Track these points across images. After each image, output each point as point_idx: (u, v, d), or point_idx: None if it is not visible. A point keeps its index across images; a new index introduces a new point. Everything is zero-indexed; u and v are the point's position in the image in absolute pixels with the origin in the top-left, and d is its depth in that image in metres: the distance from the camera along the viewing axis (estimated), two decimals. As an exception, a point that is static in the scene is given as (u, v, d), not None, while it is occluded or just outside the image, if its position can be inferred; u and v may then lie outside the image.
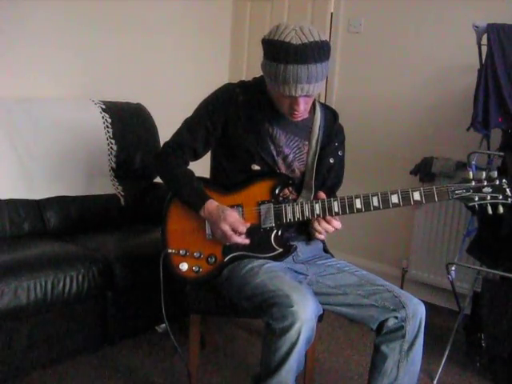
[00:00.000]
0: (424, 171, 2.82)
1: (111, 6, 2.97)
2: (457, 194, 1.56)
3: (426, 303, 1.64)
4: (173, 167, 1.77)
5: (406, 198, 1.58)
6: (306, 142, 1.78)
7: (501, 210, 1.55)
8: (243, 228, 1.65)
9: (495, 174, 1.56)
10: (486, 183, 1.55)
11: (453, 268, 2.34)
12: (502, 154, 2.24)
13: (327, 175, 1.81)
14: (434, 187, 1.57)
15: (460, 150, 2.63)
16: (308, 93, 1.56)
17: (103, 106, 2.76)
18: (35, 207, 2.47)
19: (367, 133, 3.11)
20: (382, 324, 1.62)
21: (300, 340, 1.44)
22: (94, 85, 2.95)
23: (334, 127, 1.81)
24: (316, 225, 1.66)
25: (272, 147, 1.73)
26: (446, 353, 2.32)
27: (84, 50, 2.90)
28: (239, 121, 1.71)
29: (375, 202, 1.60)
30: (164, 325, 2.21)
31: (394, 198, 1.59)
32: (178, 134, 1.80)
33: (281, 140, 1.74)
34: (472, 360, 2.38)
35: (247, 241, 1.68)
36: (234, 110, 1.71)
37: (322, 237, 1.70)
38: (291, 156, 1.76)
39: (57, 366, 2.16)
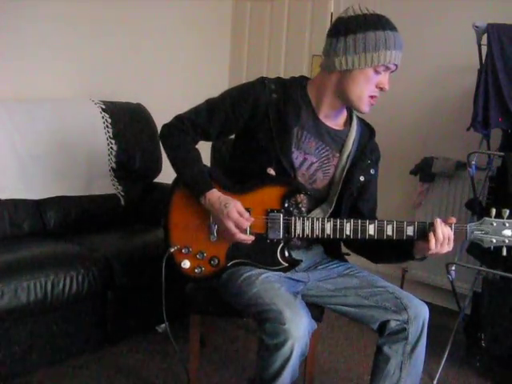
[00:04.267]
0: (424, 171, 2.81)
1: (111, 6, 2.97)
2: (475, 235, 1.51)
3: (426, 303, 1.63)
4: (180, 144, 1.65)
5: (421, 230, 1.53)
6: (337, 154, 1.70)
7: None
8: (247, 224, 1.57)
9: (507, 212, 1.49)
10: (507, 225, 1.49)
11: (453, 268, 2.34)
12: (502, 154, 2.24)
13: (358, 195, 1.72)
14: (453, 225, 1.51)
15: (460, 150, 2.63)
16: (399, 62, 1.58)
17: (103, 106, 2.75)
18: (35, 207, 2.46)
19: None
20: (384, 325, 1.61)
21: (293, 356, 1.42)
22: (94, 85, 2.95)
23: (368, 144, 1.75)
24: (439, 232, 1.48)
25: (295, 154, 1.65)
26: (446, 353, 2.33)
27: (84, 50, 2.89)
28: (266, 119, 1.62)
29: (389, 230, 1.54)
30: (164, 325, 2.21)
31: (410, 231, 1.53)
32: (195, 112, 1.68)
33: (309, 146, 1.66)
34: (472, 360, 2.38)
35: (252, 237, 1.60)
36: (264, 106, 1.62)
37: (433, 246, 1.49)
38: (316, 165, 1.68)
39: (57, 366, 2.16)
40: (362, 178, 1.70)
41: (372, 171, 1.74)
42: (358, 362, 2.38)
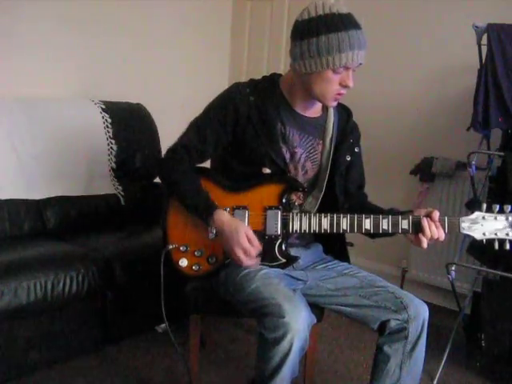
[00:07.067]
0: (424, 171, 2.82)
1: (111, 6, 2.97)
2: (467, 228, 1.54)
3: (426, 303, 1.63)
4: (176, 175, 1.68)
5: (416, 224, 1.55)
6: (320, 141, 1.74)
7: (507, 246, 1.53)
8: (256, 253, 1.58)
9: (509, 208, 1.52)
10: (498, 219, 1.53)
11: (453, 268, 2.34)
12: (502, 154, 2.24)
13: (346, 173, 1.76)
14: (446, 218, 1.54)
15: (460, 149, 2.63)
16: (363, 61, 1.55)
17: (103, 106, 2.76)
18: (35, 207, 2.47)
19: (367, 132, 3.09)
20: (384, 325, 1.61)
21: (292, 350, 1.42)
22: (94, 85, 2.95)
23: (348, 124, 1.78)
24: (426, 226, 1.53)
25: (284, 149, 1.69)
26: (446, 353, 2.32)
27: (84, 50, 2.90)
28: (250, 122, 1.66)
29: (385, 224, 1.57)
30: (164, 325, 2.21)
31: (404, 224, 1.56)
32: (185, 136, 1.71)
33: (294, 140, 1.70)
34: (472, 360, 2.38)
35: (258, 262, 1.61)
36: (245, 111, 1.65)
37: (425, 245, 1.54)
38: (304, 156, 1.72)
39: (57, 366, 2.16)
40: (348, 158, 1.75)
41: (356, 149, 1.79)
42: (357, 362, 2.38)
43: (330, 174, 1.74)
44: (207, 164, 1.86)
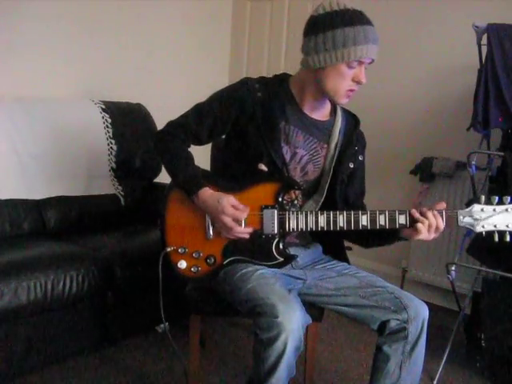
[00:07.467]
0: (424, 171, 2.82)
1: (111, 5, 2.97)
2: (465, 221, 1.53)
3: (426, 303, 1.63)
4: (172, 147, 1.70)
5: (413, 218, 1.55)
6: (325, 145, 1.74)
7: (507, 238, 1.52)
8: (244, 215, 1.59)
9: (508, 199, 1.52)
10: (497, 211, 1.52)
11: (453, 268, 2.34)
12: (502, 154, 2.24)
13: (348, 181, 1.76)
14: (444, 211, 1.54)
15: (460, 149, 2.63)
16: (375, 56, 1.58)
17: (103, 106, 2.76)
18: (35, 207, 2.47)
19: (367, 133, 3.10)
20: (384, 325, 1.61)
21: (287, 350, 1.42)
22: (94, 85, 2.95)
23: (354, 132, 1.78)
24: (416, 213, 1.53)
25: (285, 148, 1.69)
26: (446, 353, 2.32)
27: (84, 50, 2.90)
28: (253, 118, 1.66)
29: (382, 220, 1.57)
30: (163, 325, 2.21)
31: (402, 219, 1.57)
32: (185, 116, 1.73)
33: (297, 140, 1.70)
34: (472, 360, 2.38)
35: (249, 230, 1.62)
36: (250, 106, 1.66)
37: (422, 231, 1.53)
38: (306, 158, 1.72)
39: (57, 366, 2.16)
40: (351, 165, 1.75)
41: (360, 157, 1.79)
42: (357, 362, 2.38)
43: (332, 180, 1.73)
44: (207, 164, 1.86)
